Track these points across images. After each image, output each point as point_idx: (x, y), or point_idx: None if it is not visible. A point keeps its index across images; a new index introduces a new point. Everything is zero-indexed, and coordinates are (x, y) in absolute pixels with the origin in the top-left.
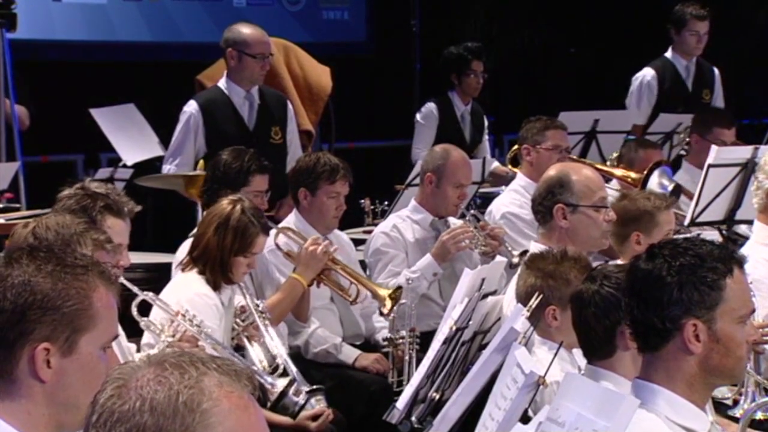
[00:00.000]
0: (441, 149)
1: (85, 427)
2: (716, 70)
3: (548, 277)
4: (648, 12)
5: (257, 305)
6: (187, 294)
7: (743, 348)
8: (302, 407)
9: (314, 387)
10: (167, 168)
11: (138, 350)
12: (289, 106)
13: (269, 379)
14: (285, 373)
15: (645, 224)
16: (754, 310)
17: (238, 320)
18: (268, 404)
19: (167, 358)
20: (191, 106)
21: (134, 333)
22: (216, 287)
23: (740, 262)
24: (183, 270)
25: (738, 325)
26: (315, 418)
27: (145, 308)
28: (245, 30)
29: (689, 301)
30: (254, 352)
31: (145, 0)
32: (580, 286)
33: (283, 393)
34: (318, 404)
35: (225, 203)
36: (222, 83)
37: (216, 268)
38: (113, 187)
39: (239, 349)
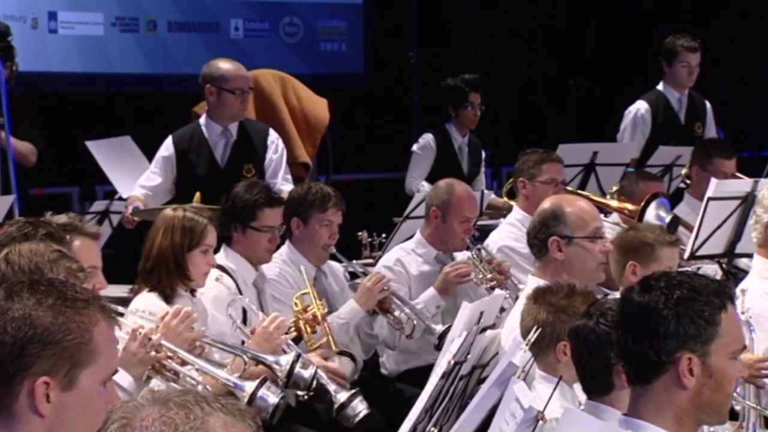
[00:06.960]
0: (445, 184)
1: None
2: (708, 104)
3: (561, 311)
4: (647, 43)
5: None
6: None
7: (733, 384)
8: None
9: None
10: (136, 190)
11: None
12: (271, 135)
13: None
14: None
15: (644, 256)
16: (745, 347)
17: None
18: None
19: (171, 397)
20: (168, 146)
21: None
22: (170, 299)
23: (732, 297)
24: (135, 294)
25: (730, 360)
26: None
27: None
28: (223, 65)
29: (686, 335)
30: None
31: (142, 32)
32: (578, 322)
33: (344, 404)
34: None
35: (167, 211)
36: (202, 119)
37: (172, 270)
38: (73, 215)
39: None
